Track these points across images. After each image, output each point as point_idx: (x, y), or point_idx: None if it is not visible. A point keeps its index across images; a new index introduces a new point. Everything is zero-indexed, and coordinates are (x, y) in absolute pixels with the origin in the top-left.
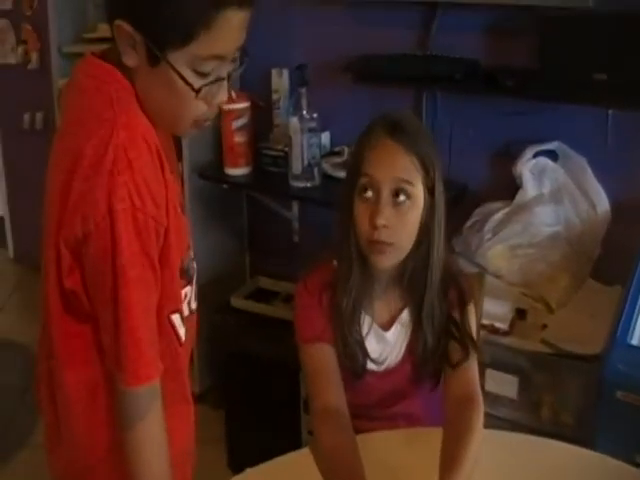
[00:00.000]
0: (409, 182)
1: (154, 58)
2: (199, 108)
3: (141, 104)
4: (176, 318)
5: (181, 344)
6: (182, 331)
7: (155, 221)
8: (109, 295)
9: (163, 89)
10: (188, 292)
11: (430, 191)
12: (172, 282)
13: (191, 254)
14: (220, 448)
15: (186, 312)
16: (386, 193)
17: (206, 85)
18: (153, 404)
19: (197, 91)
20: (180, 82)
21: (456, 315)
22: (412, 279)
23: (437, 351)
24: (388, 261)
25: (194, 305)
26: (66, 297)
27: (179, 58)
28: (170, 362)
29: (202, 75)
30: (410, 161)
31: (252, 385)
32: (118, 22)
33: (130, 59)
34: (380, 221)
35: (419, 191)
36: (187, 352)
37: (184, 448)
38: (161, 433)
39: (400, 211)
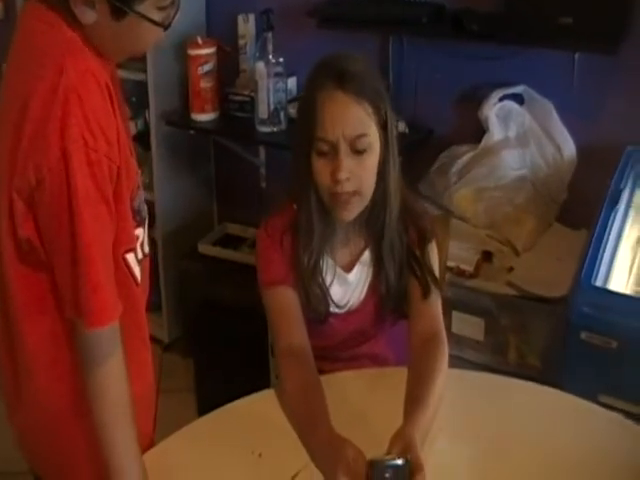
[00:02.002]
0: (365, 135)
1: (120, 13)
2: (158, 38)
3: (94, 45)
4: (131, 257)
5: (137, 284)
6: (137, 271)
7: (108, 159)
8: (66, 239)
9: (130, 35)
10: (140, 234)
11: (383, 127)
12: (125, 220)
13: (142, 195)
14: (189, 397)
15: (139, 255)
16: (344, 147)
17: (170, 19)
18: (115, 345)
19: (167, 27)
20: (150, 25)
21: (417, 252)
22: (371, 217)
23: (399, 287)
24: (354, 212)
25: (147, 249)
26: (20, 246)
27: (147, 5)
28: (127, 304)
29: (165, 8)
30: (363, 110)
31: (220, 332)
32: None
33: (88, 18)
34: (342, 175)
35: (375, 136)
36: (143, 295)
37: (144, 392)
38: (124, 374)
39: (359, 160)
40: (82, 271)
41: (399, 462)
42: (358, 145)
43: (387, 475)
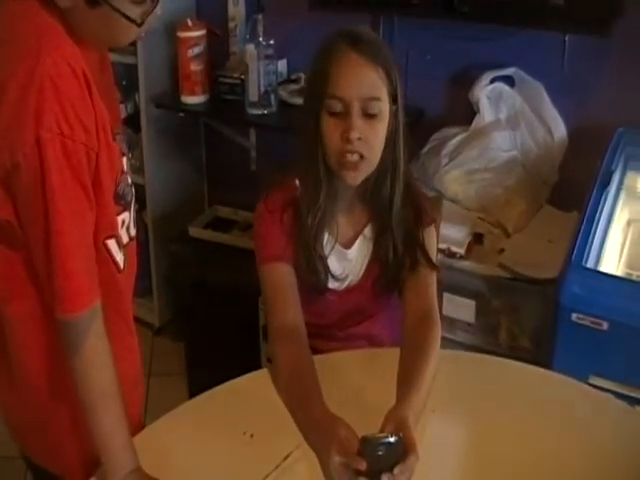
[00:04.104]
0: (378, 98)
1: (93, 2)
2: (139, 32)
3: (73, 31)
4: (112, 244)
5: (119, 270)
6: (119, 257)
7: (85, 146)
8: (41, 226)
9: (104, 25)
10: (126, 218)
11: (394, 98)
12: (106, 207)
13: (127, 179)
14: (180, 380)
15: (125, 239)
16: (356, 108)
17: (147, 15)
18: (93, 325)
19: (140, 24)
20: (123, 19)
21: (413, 231)
22: (376, 193)
23: (398, 264)
24: (360, 176)
25: (133, 232)
26: (1, 226)
27: None
28: (109, 290)
29: (141, 3)
30: (376, 73)
31: (211, 315)
32: None
33: (64, 2)
34: (354, 134)
35: (385, 104)
36: (128, 281)
37: (131, 377)
38: (106, 356)
39: (371, 124)
40: (56, 259)
41: (392, 439)
42: (370, 108)
43: (379, 452)
